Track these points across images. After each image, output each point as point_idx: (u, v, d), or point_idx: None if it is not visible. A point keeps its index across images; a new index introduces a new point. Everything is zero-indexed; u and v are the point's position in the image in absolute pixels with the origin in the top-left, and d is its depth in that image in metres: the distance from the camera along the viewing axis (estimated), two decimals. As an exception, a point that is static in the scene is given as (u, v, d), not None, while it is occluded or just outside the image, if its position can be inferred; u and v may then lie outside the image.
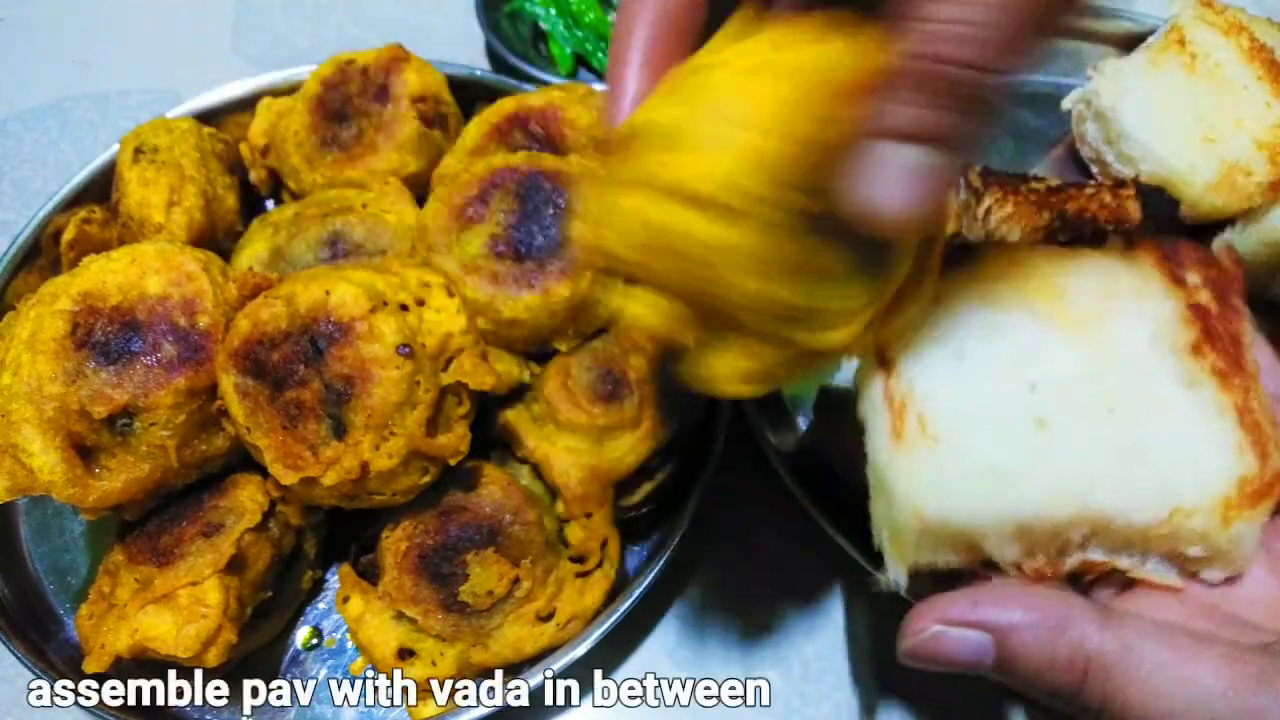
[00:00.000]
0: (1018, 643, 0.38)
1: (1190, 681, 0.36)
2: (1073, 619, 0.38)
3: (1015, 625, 0.38)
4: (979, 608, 0.39)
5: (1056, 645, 0.37)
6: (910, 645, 0.40)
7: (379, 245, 0.71)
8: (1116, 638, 0.37)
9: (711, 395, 0.44)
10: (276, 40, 1.05)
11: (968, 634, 0.39)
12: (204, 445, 0.62)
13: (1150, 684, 0.36)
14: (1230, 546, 0.43)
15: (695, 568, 0.72)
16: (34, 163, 0.96)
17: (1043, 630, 0.38)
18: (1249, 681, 0.35)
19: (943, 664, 0.39)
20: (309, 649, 0.69)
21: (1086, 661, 0.37)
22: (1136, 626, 0.38)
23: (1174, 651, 0.36)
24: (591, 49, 0.99)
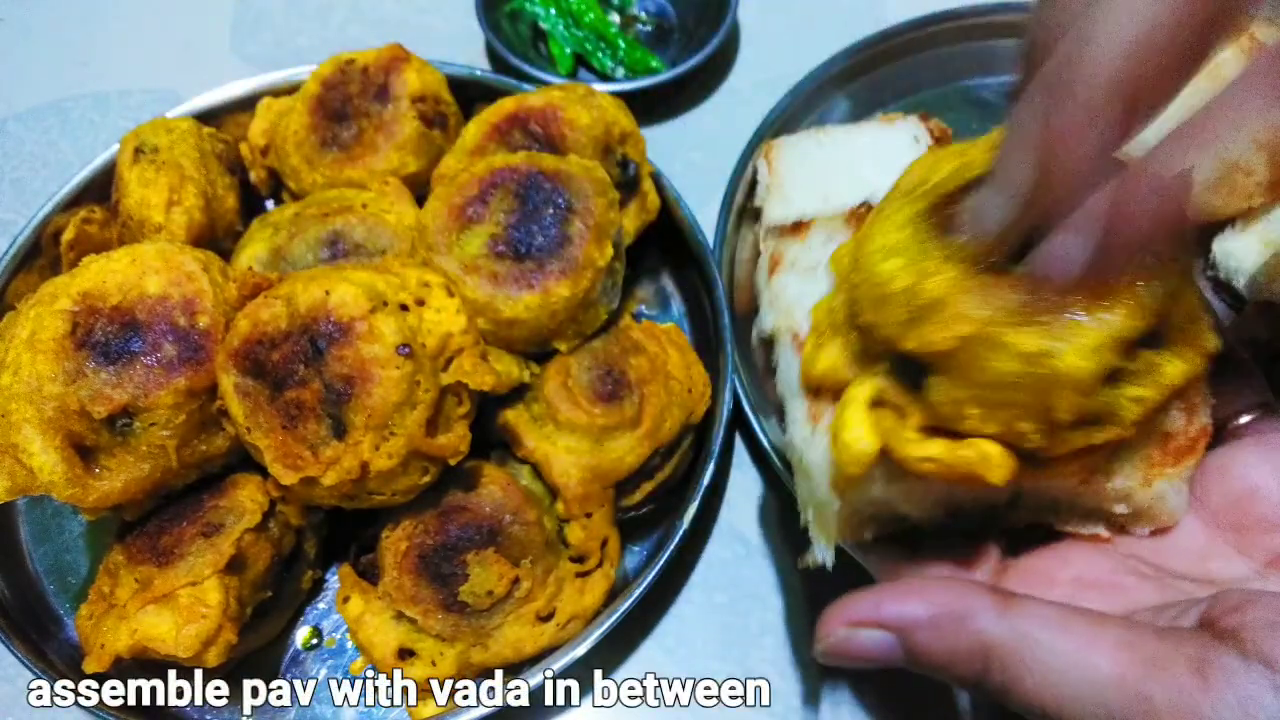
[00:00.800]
0: (920, 639, 0.39)
1: (1084, 668, 0.36)
2: (973, 611, 0.39)
3: (917, 622, 0.39)
4: (883, 607, 0.40)
5: (957, 639, 0.39)
6: (823, 648, 0.41)
7: (379, 245, 0.71)
8: (1013, 627, 0.38)
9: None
10: (276, 40, 1.05)
11: (874, 634, 0.40)
12: (204, 445, 0.62)
13: (1046, 672, 0.37)
14: (1153, 504, 0.44)
15: (695, 568, 0.72)
16: (34, 163, 0.95)
17: (943, 624, 0.39)
18: (1139, 668, 0.36)
19: (857, 662, 0.41)
20: (309, 649, 0.69)
21: (986, 652, 0.38)
22: (1034, 614, 0.38)
23: (1069, 638, 0.37)
24: (591, 49, 0.99)
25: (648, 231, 0.78)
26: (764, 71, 0.99)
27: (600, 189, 0.67)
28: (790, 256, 0.51)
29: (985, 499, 0.46)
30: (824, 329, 0.45)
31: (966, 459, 0.41)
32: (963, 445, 0.41)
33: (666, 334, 0.72)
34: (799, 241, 0.51)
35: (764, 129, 0.85)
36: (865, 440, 0.43)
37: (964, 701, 0.66)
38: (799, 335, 0.48)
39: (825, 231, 0.51)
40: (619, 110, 0.76)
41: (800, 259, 0.51)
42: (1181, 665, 0.35)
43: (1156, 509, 0.44)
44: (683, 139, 0.95)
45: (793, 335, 0.48)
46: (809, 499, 0.48)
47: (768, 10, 1.04)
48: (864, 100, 0.92)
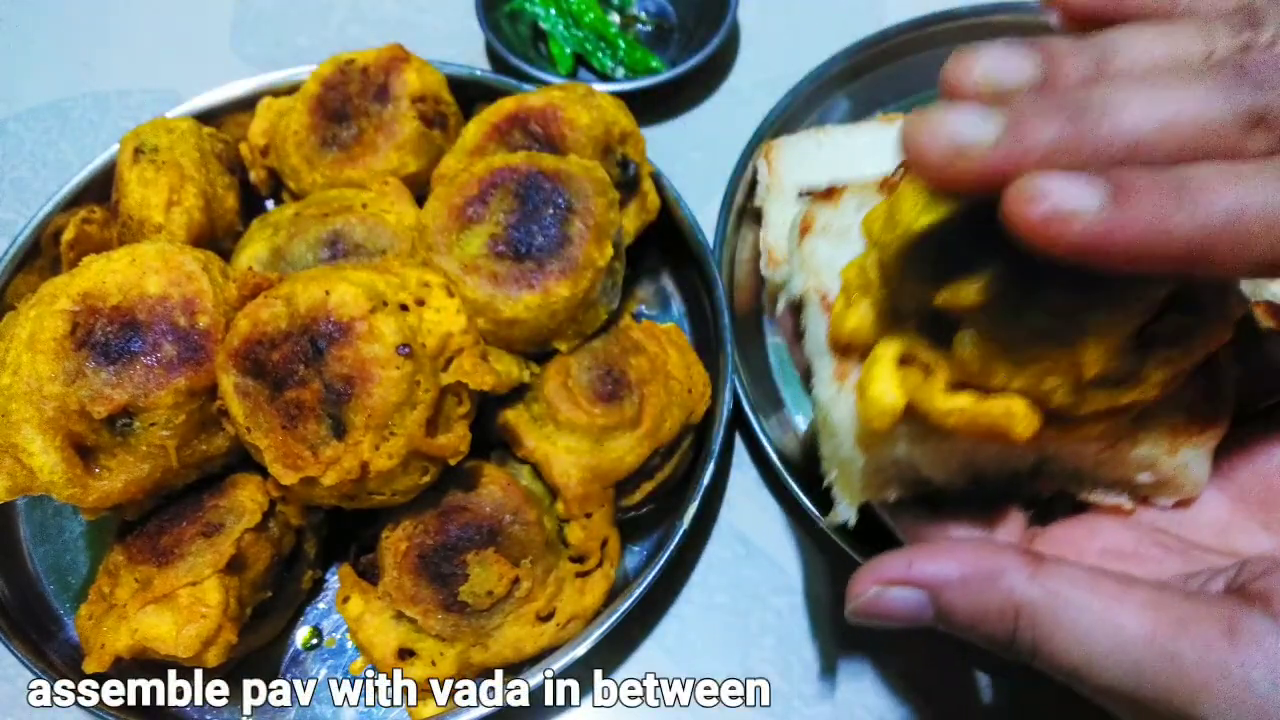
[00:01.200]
0: (951, 597, 0.40)
1: (1113, 627, 0.37)
2: (1003, 571, 0.39)
3: (949, 581, 0.40)
4: (914, 566, 0.40)
5: (988, 597, 0.39)
6: (854, 606, 0.42)
7: (379, 245, 0.71)
8: (1044, 587, 0.38)
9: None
10: (276, 40, 1.05)
11: (906, 593, 0.41)
12: (204, 445, 0.62)
13: (1076, 630, 0.37)
14: (1177, 473, 0.44)
15: (695, 568, 0.72)
16: (34, 163, 0.96)
17: (974, 584, 0.39)
18: (1169, 627, 0.36)
19: (886, 621, 0.41)
20: (309, 649, 0.69)
21: (1016, 611, 0.38)
22: (1065, 574, 0.39)
23: (1099, 598, 0.37)
24: (591, 49, 0.99)
25: (648, 231, 0.78)
26: (764, 71, 0.99)
27: (600, 189, 0.67)
28: (822, 221, 0.52)
29: (1008, 465, 0.46)
30: (854, 289, 0.46)
31: (991, 413, 0.41)
32: (989, 399, 0.41)
33: (666, 334, 0.72)
34: (831, 206, 0.52)
35: (764, 129, 0.85)
36: (892, 394, 0.43)
37: (970, 703, 0.66)
38: (828, 296, 0.49)
39: (858, 198, 0.52)
40: (619, 110, 0.76)
41: (832, 223, 0.51)
42: (1210, 625, 0.36)
43: (1180, 478, 0.44)
44: (683, 139, 0.95)
45: (821, 296, 0.49)
46: (833, 457, 0.48)
47: (768, 10, 1.04)
48: (864, 100, 0.92)
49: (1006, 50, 0.38)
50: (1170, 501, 0.45)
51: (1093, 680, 0.37)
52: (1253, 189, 0.34)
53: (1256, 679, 0.34)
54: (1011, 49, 0.38)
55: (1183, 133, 0.35)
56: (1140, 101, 0.35)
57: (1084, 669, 0.37)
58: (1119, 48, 0.38)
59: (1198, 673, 0.35)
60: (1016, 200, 0.33)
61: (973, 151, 0.34)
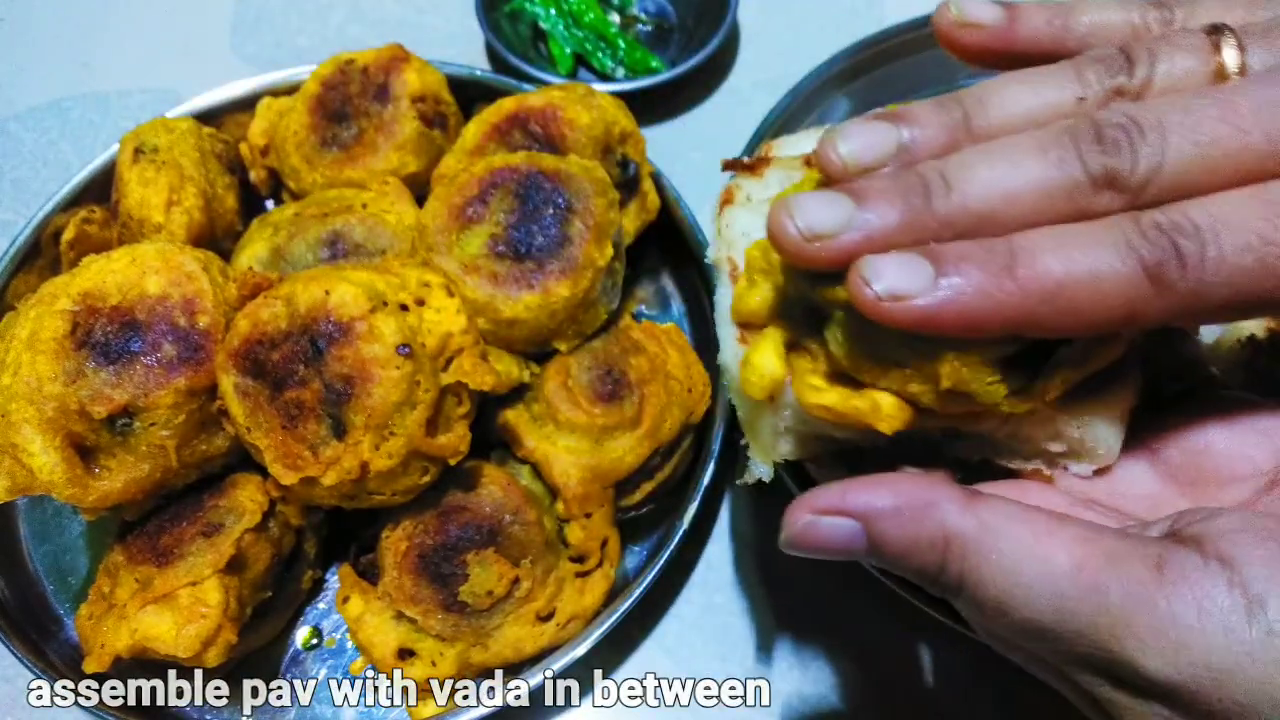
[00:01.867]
0: (883, 527, 0.40)
1: (1041, 559, 0.37)
2: (936, 502, 0.39)
3: (882, 511, 0.40)
4: (848, 495, 0.40)
5: (920, 528, 0.39)
6: (787, 535, 0.41)
7: (379, 245, 0.71)
8: (976, 518, 0.38)
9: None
10: (276, 40, 1.05)
11: (839, 521, 0.40)
12: (204, 445, 0.62)
13: (1004, 561, 0.37)
14: (1085, 438, 0.44)
15: (695, 568, 0.72)
16: (34, 163, 0.96)
17: (907, 514, 0.39)
18: (1097, 560, 0.36)
19: (819, 551, 0.41)
20: (309, 649, 0.69)
21: (946, 541, 0.38)
22: (997, 507, 0.39)
23: (1030, 530, 0.38)
24: (591, 49, 0.99)
25: (648, 231, 0.78)
26: (764, 71, 0.99)
27: (600, 189, 0.67)
28: (745, 191, 0.52)
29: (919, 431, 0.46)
30: (756, 269, 0.46)
31: (858, 409, 0.42)
32: (857, 395, 0.42)
33: (666, 334, 0.72)
34: (756, 179, 0.52)
35: (764, 129, 0.85)
36: (773, 365, 0.44)
37: (971, 703, 0.66)
38: (738, 268, 0.49)
39: (782, 172, 0.52)
40: (619, 110, 0.76)
41: (754, 195, 0.52)
42: (1139, 561, 0.36)
43: (1090, 442, 0.44)
44: (683, 139, 0.95)
45: (732, 267, 0.50)
46: (745, 419, 0.49)
47: (768, 10, 1.04)
48: (864, 100, 0.92)
49: (868, 126, 0.41)
50: (1088, 469, 0.45)
51: (1016, 612, 0.37)
52: (1080, 255, 0.36)
53: (1181, 612, 0.34)
54: (874, 123, 0.41)
55: (1030, 200, 0.37)
56: (986, 173, 0.38)
57: (1008, 600, 0.37)
58: (988, 103, 0.41)
59: (1122, 606, 0.35)
60: (854, 282, 0.37)
61: (824, 237, 0.38)
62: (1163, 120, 0.37)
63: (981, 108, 0.41)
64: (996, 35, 0.46)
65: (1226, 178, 0.36)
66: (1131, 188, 0.37)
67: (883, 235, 0.38)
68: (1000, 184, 0.38)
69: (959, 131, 0.41)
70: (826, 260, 0.39)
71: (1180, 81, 0.39)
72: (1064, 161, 0.37)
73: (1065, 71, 0.41)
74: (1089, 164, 0.37)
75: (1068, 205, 0.37)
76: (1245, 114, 0.36)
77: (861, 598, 0.70)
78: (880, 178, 0.40)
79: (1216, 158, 0.36)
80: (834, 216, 0.38)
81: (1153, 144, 0.37)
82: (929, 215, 0.38)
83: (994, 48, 0.46)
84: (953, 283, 0.36)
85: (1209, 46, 0.39)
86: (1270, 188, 0.36)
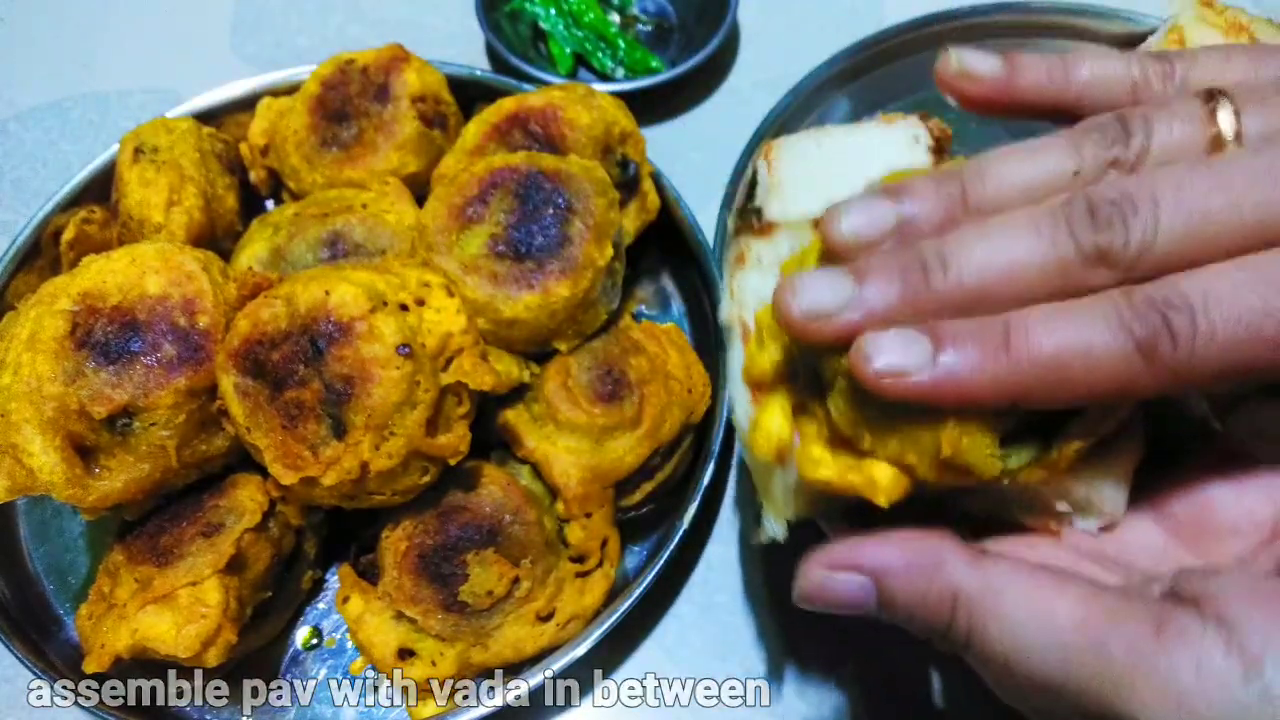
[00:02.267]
0: (894, 585, 0.41)
1: (1046, 616, 0.38)
2: (944, 560, 0.40)
3: (891, 568, 0.41)
4: (859, 551, 0.41)
5: (929, 584, 0.40)
6: (801, 590, 0.42)
7: (379, 245, 0.71)
8: (983, 576, 0.39)
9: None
10: (276, 40, 1.05)
11: (850, 578, 0.41)
12: (204, 445, 0.62)
13: (1009, 620, 0.38)
14: (1091, 495, 0.45)
15: (695, 568, 0.72)
16: (34, 163, 0.95)
17: (916, 572, 0.40)
18: (1099, 618, 0.37)
19: (832, 607, 0.42)
20: (309, 649, 0.69)
21: (954, 599, 0.39)
22: (1003, 566, 0.40)
23: (1034, 589, 0.39)
24: (591, 49, 0.99)
25: (648, 231, 0.78)
26: (764, 71, 0.99)
27: (600, 189, 0.67)
28: (755, 253, 0.53)
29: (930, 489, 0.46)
30: (766, 331, 0.47)
31: (853, 483, 0.42)
32: (854, 469, 0.43)
33: (666, 334, 0.72)
34: (765, 241, 0.53)
35: (764, 129, 0.85)
36: (780, 427, 0.45)
37: (971, 706, 0.66)
38: (749, 330, 0.50)
39: (791, 234, 0.53)
40: (619, 110, 0.76)
41: (765, 256, 0.53)
42: (1140, 620, 0.36)
43: (1095, 501, 0.45)
44: (683, 139, 0.95)
45: (744, 328, 0.50)
46: (758, 478, 0.50)
47: (768, 10, 1.04)
48: (864, 100, 0.92)
49: (869, 204, 0.43)
50: (1094, 524, 0.46)
51: (1022, 669, 0.38)
52: (1073, 331, 0.37)
53: (1180, 672, 0.35)
54: (872, 201, 0.43)
55: (1024, 277, 0.39)
56: (981, 252, 0.40)
57: (1014, 657, 0.38)
58: (986, 177, 0.42)
59: (1124, 664, 0.35)
60: (856, 357, 0.39)
61: (826, 316, 0.40)
62: (1155, 195, 0.38)
63: (979, 181, 0.42)
64: (997, 87, 0.47)
65: (1219, 250, 0.37)
66: (1124, 263, 0.38)
67: (883, 313, 0.40)
68: (995, 262, 0.39)
69: (956, 206, 0.42)
70: (830, 338, 0.40)
71: (1176, 150, 0.40)
72: (1057, 240, 0.39)
73: (1061, 144, 0.42)
74: (1081, 241, 0.38)
75: (1061, 281, 0.39)
76: (1238, 187, 0.37)
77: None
78: (880, 255, 0.41)
79: (1209, 232, 0.37)
80: (834, 297, 0.40)
81: (1145, 220, 0.38)
82: (927, 294, 0.40)
83: (995, 99, 0.47)
84: (949, 358, 0.38)
85: (1205, 115, 0.40)
86: (1260, 259, 0.37)
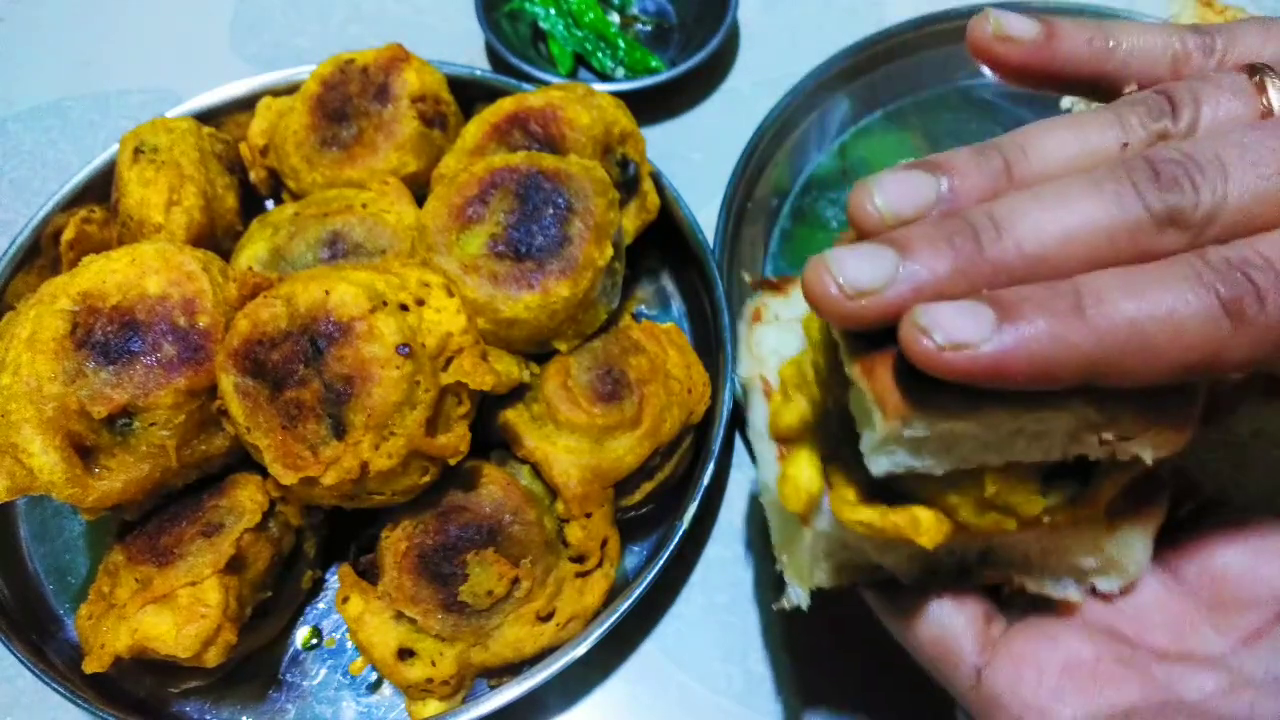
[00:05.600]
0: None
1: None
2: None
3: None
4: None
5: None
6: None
7: (379, 245, 0.71)
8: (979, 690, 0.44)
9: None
10: (276, 40, 1.05)
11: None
12: (204, 445, 0.62)
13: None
14: (1119, 554, 0.45)
15: (695, 568, 0.72)
16: (34, 163, 0.96)
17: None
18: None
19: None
20: (309, 649, 0.69)
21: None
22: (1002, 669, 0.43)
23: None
24: (591, 49, 0.99)
25: (648, 231, 0.78)
26: (764, 71, 0.99)
27: (600, 189, 0.67)
28: (772, 310, 0.53)
29: (955, 551, 0.46)
30: (791, 385, 0.47)
31: (896, 524, 0.41)
32: (895, 511, 0.41)
33: (666, 334, 0.72)
34: (782, 297, 0.54)
35: (764, 129, 0.85)
36: (810, 478, 0.44)
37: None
38: (770, 386, 0.50)
39: None
40: (619, 110, 0.76)
41: (781, 313, 0.53)
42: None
43: (1123, 558, 0.45)
44: (683, 139, 0.95)
45: (765, 385, 0.50)
46: (782, 542, 0.49)
47: (768, 10, 1.04)
48: (864, 100, 0.92)
49: (905, 176, 0.39)
50: (1116, 586, 0.46)
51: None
52: (1155, 295, 0.34)
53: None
54: (910, 173, 0.39)
55: (1089, 241, 0.35)
56: (1039, 215, 0.36)
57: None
58: (1028, 149, 0.39)
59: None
60: (909, 334, 0.35)
61: (869, 293, 0.36)
62: (1220, 156, 0.36)
63: (1022, 154, 0.39)
64: (1035, 52, 0.44)
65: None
66: (1195, 225, 0.35)
67: (933, 286, 0.36)
68: (1055, 225, 0.36)
69: (1000, 179, 0.39)
70: (874, 317, 0.36)
71: (1226, 124, 0.38)
72: (1122, 199, 0.36)
73: (1107, 116, 0.39)
74: (1149, 201, 0.35)
75: (1128, 245, 0.36)
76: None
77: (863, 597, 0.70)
78: (922, 225, 0.38)
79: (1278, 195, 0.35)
80: (878, 270, 0.36)
81: (1213, 180, 0.35)
82: (981, 261, 0.36)
83: (1032, 64, 0.45)
84: (1019, 327, 0.34)
85: (1253, 88, 0.38)
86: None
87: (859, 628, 0.69)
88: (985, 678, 0.44)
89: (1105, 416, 0.37)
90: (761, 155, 0.86)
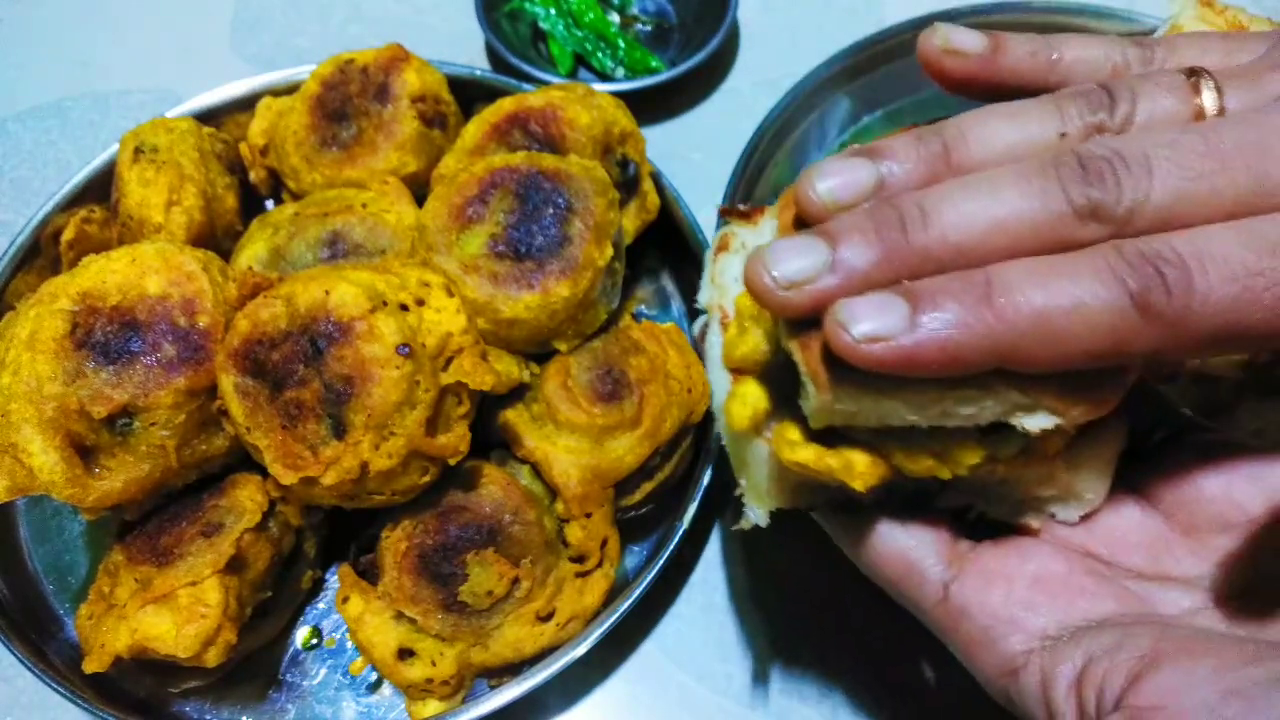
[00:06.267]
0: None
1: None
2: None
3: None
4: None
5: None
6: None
7: (379, 245, 0.71)
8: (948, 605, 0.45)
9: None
10: (276, 40, 1.05)
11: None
12: (204, 445, 0.62)
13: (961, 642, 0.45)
14: (1075, 481, 0.45)
15: (695, 568, 0.72)
16: (34, 163, 0.96)
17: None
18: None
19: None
20: (309, 649, 0.69)
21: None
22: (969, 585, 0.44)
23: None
24: (591, 49, 0.99)
25: (648, 231, 0.78)
26: (764, 71, 0.99)
27: (600, 189, 0.67)
28: (740, 239, 0.53)
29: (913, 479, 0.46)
30: (746, 317, 0.47)
31: (831, 466, 0.42)
32: (831, 453, 0.42)
33: (666, 334, 0.72)
34: (750, 227, 0.53)
35: (764, 129, 0.85)
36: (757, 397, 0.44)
37: (963, 700, 0.66)
38: (728, 315, 0.49)
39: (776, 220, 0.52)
40: (619, 110, 0.76)
41: (749, 242, 0.52)
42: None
43: (1077, 486, 0.45)
44: (683, 139, 0.95)
45: (723, 314, 0.50)
46: (740, 466, 0.49)
47: (768, 10, 1.04)
48: (864, 100, 0.92)
49: (847, 163, 0.41)
50: (1074, 514, 0.46)
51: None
52: (1063, 285, 0.35)
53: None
54: (852, 160, 0.41)
55: (1014, 231, 0.37)
56: (966, 205, 0.38)
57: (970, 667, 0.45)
58: (969, 135, 0.41)
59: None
60: (830, 328, 0.37)
61: (799, 284, 0.38)
62: (1148, 153, 0.37)
63: (962, 141, 0.41)
64: (981, 65, 0.46)
65: (1210, 212, 0.36)
66: (1116, 220, 0.37)
67: (861, 275, 0.38)
68: (980, 215, 0.37)
69: (939, 165, 0.40)
70: (803, 308, 0.38)
71: (1160, 121, 0.40)
72: (1047, 192, 0.37)
73: (1046, 106, 0.41)
74: (1073, 195, 0.37)
75: (1051, 237, 0.37)
76: (1229, 150, 0.36)
77: (862, 597, 0.70)
78: (856, 214, 0.40)
79: (1201, 193, 0.36)
80: (809, 263, 0.38)
81: (1138, 177, 0.37)
82: (906, 249, 0.38)
83: (978, 77, 0.46)
84: (931, 318, 0.36)
85: (1188, 88, 0.40)
86: (1253, 222, 0.36)
87: (859, 628, 0.69)
88: (952, 591, 0.44)
89: (1028, 397, 0.38)
90: (761, 155, 0.85)
